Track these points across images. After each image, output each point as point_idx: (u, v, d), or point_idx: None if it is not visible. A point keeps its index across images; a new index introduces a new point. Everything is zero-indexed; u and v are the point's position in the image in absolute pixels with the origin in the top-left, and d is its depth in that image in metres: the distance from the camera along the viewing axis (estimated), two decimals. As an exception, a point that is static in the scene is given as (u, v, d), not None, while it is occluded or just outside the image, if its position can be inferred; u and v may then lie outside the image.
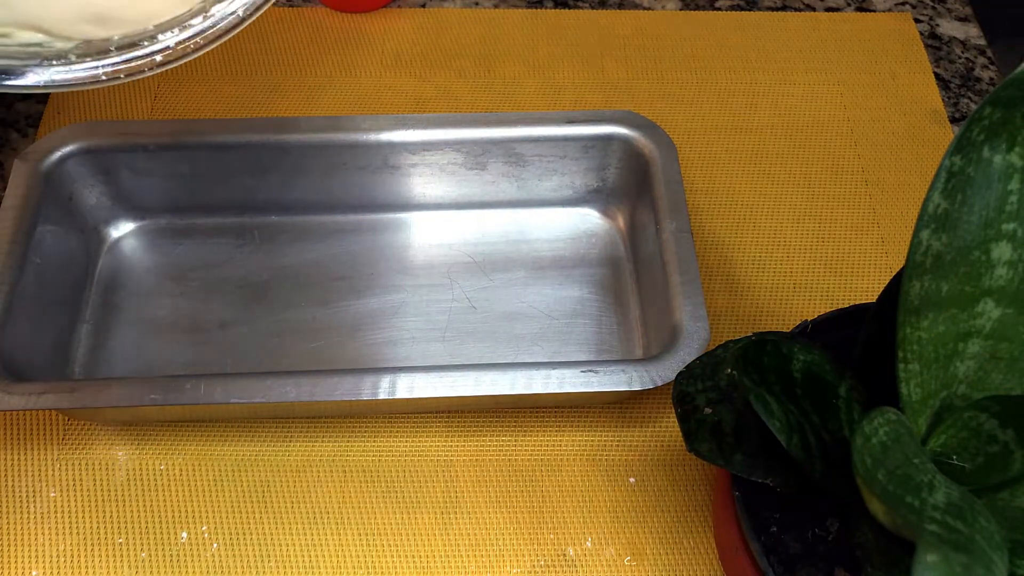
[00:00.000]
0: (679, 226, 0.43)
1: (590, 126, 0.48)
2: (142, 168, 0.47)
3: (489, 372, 0.39)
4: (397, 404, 0.41)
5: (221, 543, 0.41)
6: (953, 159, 0.27)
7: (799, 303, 0.49)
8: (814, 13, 0.62)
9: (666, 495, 0.42)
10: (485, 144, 0.48)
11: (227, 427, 0.43)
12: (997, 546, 0.23)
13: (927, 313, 0.29)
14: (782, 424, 0.28)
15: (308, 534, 0.41)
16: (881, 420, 0.27)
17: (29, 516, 0.41)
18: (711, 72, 0.58)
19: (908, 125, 0.56)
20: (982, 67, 0.60)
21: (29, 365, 0.41)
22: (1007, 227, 0.28)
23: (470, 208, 0.51)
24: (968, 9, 0.63)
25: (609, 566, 0.40)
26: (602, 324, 0.47)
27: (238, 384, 0.38)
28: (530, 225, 0.51)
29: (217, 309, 0.47)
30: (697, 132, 0.55)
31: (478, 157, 0.48)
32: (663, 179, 0.45)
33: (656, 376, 0.39)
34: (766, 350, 0.30)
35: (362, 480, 0.42)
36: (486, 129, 0.48)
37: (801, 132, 0.56)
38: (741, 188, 0.53)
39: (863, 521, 0.29)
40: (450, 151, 0.48)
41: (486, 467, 0.43)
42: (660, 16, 0.62)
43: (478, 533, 0.41)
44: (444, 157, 0.48)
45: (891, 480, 0.25)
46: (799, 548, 0.32)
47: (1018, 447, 0.28)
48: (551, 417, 0.44)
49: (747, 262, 0.50)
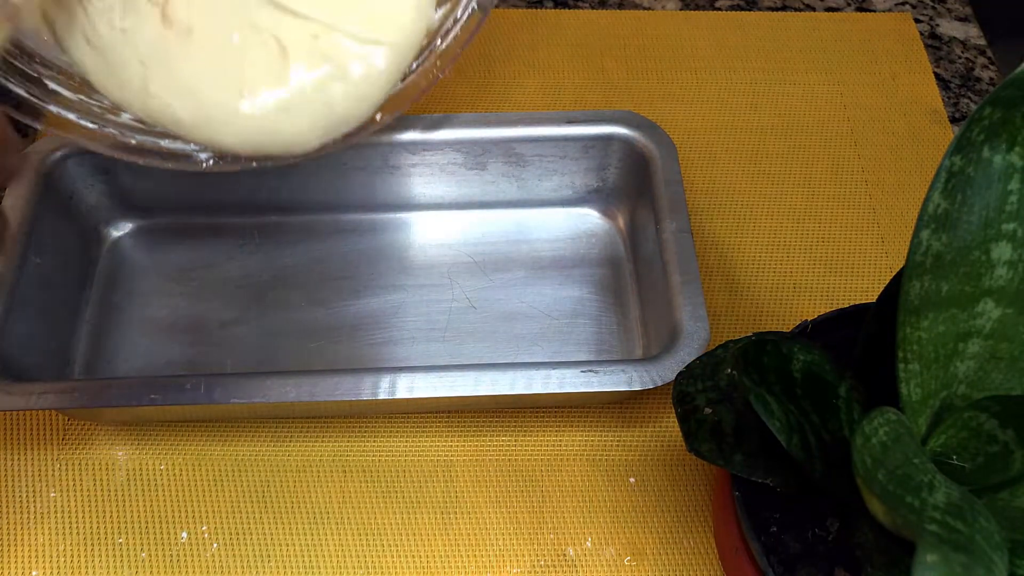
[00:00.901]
0: (679, 226, 0.43)
1: (590, 126, 0.48)
2: (142, 168, 0.47)
3: (489, 372, 0.39)
4: (397, 404, 0.41)
5: (221, 543, 0.41)
6: (953, 159, 0.27)
7: (799, 303, 0.49)
8: (814, 13, 0.62)
9: (666, 495, 0.42)
10: (485, 144, 0.48)
11: (227, 427, 0.43)
12: (997, 546, 0.23)
13: (927, 313, 0.29)
14: (782, 424, 0.28)
15: (308, 534, 0.41)
16: (881, 420, 0.27)
17: (29, 516, 0.41)
18: (711, 72, 0.58)
19: (908, 125, 0.56)
20: (982, 67, 0.60)
21: (29, 365, 0.41)
22: (1007, 227, 0.28)
23: (470, 208, 0.51)
24: (968, 9, 0.63)
25: (609, 566, 0.40)
26: (602, 324, 0.47)
27: (238, 384, 0.38)
28: (530, 225, 0.51)
29: (217, 309, 0.47)
30: (697, 132, 0.55)
31: (478, 157, 0.48)
32: (663, 179, 0.45)
33: (656, 376, 0.39)
34: (766, 350, 0.30)
35: (362, 480, 0.42)
36: (486, 129, 0.48)
37: (801, 132, 0.56)
38: (741, 188, 0.53)
39: (863, 521, 0.29)
40: (450, 151, 0.48)
41: (486, 467, 0.43)
42: (660, 16, 0.62)
43: (478, 533, 0.41)
44: (444, 157, 0.48)
45: (891, 480, 0.25)
46: (799, 548, 0.32)
47: (1018, 447, 0.28)
48: (551, 417, 0.44)
49: (747, 262, 0.50)
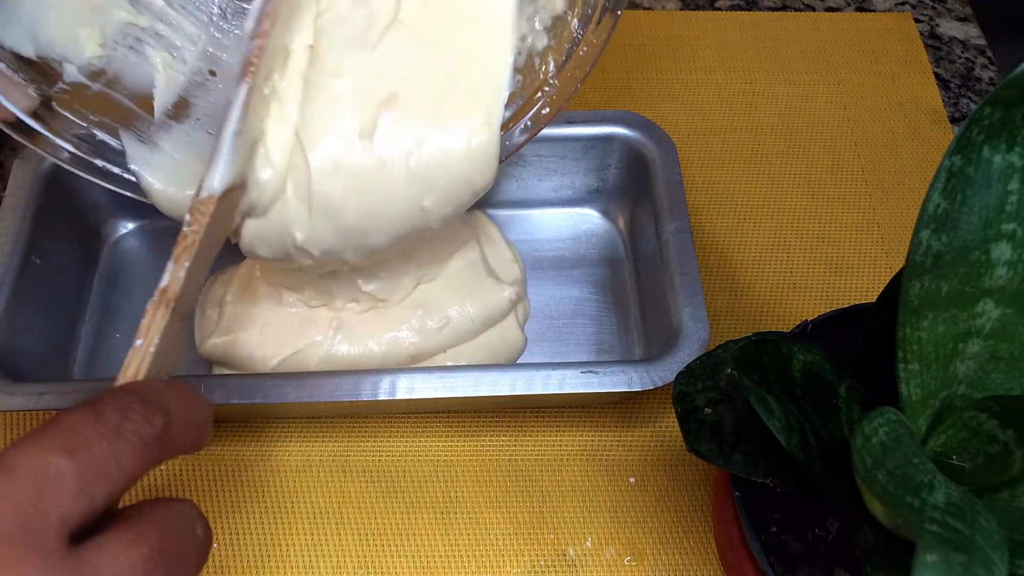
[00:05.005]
0: (679, 226, 0.43)
1: (590, 126, 0.48)
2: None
3: (489, 372, 0.39)
4: (397, 404, 0.41)
5: (221, 543, 0.41)
6: (953, 159, 0.27)
7: (799, 303, 0.49)
8: (814, 13, 0.62)
9: (666, 495, 0.42)
10: (485, 144, 0.48)
11: (228, 427, 0.43)
12: (997, 546, 0.23)
13: (927, 313, 0.29)
14: (782, 424, 0.28)
15: (308, 534, 0.41)
16: (881, 420, 0.27)
17: (29, 516, 0.41)
18: (711, 72, 0.58)
19: (908, 125, 0.56)
20: (982, 67, 0.60)
21: (29, 365, 0.41)
22: (1007, 227, 0.28)
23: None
24: (968, 9, 0.63)
25: (609, 566, 0.40)
26: (602, 324, 0.47)
27: (238, 384, 0.39)
28: (530, 225, 0.51)
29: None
30: (697, 132, 0.55)
31: (478, 157, 0.48)
32: (663, 179, 0.45)
33: (656, 376, 0.39)
34: (766, 350, 0.30)
35: (362, 480, 0.42)
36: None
37: (801, 132, 0.56)
38: (741, 188, 0.53)
39: (863, 521, 0.29)
40: (450, 151, 0.48)
41: (486, 467, 0.43)
42: (660, 16, 0.61)
43: (478, 533, 0.41)
44: (444, 157, 0.48)
45: (891, 480, 0.25)
46: (799, 548, 0.32)
47: (1018, 447, 0.28)
48: (551, 417, 0.44)
49: (747, 262, 0.50)
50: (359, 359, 0.43)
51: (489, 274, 0.46)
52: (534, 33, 0.37)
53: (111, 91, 0.35)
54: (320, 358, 0.42)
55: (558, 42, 0.37)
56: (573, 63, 0.37)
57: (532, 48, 0.37)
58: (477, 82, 0.35)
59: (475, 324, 0.44)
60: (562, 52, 0.37)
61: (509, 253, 0.48)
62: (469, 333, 0.44)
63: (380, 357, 0.43)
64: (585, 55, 0.37)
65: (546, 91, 0.37)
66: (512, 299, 0.45)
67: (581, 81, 0.36)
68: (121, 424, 0.23)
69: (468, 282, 0.45)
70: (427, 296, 0.44)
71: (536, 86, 0.37)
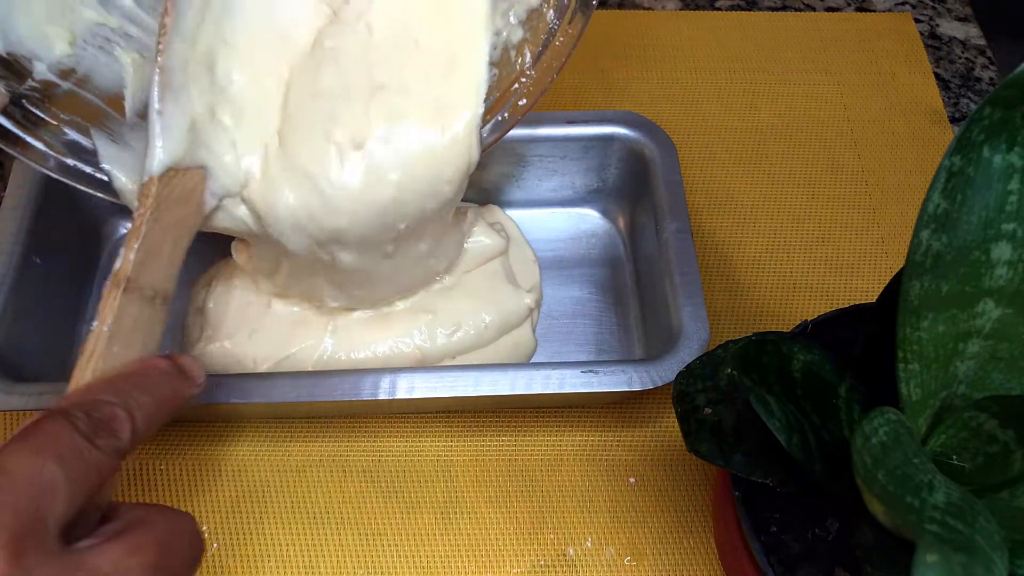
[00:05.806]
0: (679, 226, 0.43)
1: (590, 126, 0.48)
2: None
3: (489, 372, 0.39)
4: (397, 404, 0.41)
5: (221, 543, 0.41)
6: (953, 159, 0.27)
7: (799, 303, 0.49)
8: (814, 13, 0.62)
9: (666, 495, 0.42)
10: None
11: (227, 427, 0.43)
12: (997, 546, 0.23)
13: (927, 313, 0.29)
14: (782, 424, 0.28)
15: (308, 534, 0.41)
16: (881, 420, 0.27)
17: (29, 516, 0.41)
18: (711, 72, 0.58)
19: (908, 125, 0.56)
20: (982, 67, 0.60)
21: (29, 365, 0.41)
22: (1007, 227, 0.28)
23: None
24: (968, 9, 0.63)
25: (609, 566, 0.40)
26: (602, 324, 0.47)
27: (238, 384, 0.38)
28: (530, 225, 0.51)
29: (217, 309, 0.47)
30: (697, 132, 0.55)
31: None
32: (663, 179, 0.45)
33: (656, 376, 0.39)
34: (766, 350, 0.30)
35: (362, 480, 0.42)
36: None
37: (801, 132, 0.56)
38: (741, 188, 0.53)
39: (863, 521, 0.29)
40: (450, 151, 0.48)
41: (486, 467, 0.43)
42: (660, 16, 0.62)
43: (478, 533, 0.41)
44: (444, 157, 0.48)
45: (891, 480, 0.25)
46: (799, 548, 0.32)
47: (1018, 447, 0.28)
48: (551, 417, 0.44)
49: (747, 262, 0.50)
50: (357, 365, 0.42)
51: (508, 279, 0.45)
52: (509, 27, 0.37)
53: (81, 90, 0.35)
54: (314, 364, 0.42)
55: (534, 34, 0.37)
56: (550, 54, 0.37)
57: (507, 42, 0.37)
58: (453, 77, 0.35)
59: (489, 331, 0.44)
60: (538, 43, 0.37)
61: (530, 253, 0.47)
62: (482, 340, 0.44)
63: (381, 363, 0.42)
64: (561, 45, 0.37)
65: (523, 82, 0.37)
66: (531, 306, 0.45)
67: (558, 71, 0.37)
68: (95, 437, 0.25)
69: (485, 288, 0.44)
70: (437, 302, 0.43)
71: (512, 78, 0.37)
